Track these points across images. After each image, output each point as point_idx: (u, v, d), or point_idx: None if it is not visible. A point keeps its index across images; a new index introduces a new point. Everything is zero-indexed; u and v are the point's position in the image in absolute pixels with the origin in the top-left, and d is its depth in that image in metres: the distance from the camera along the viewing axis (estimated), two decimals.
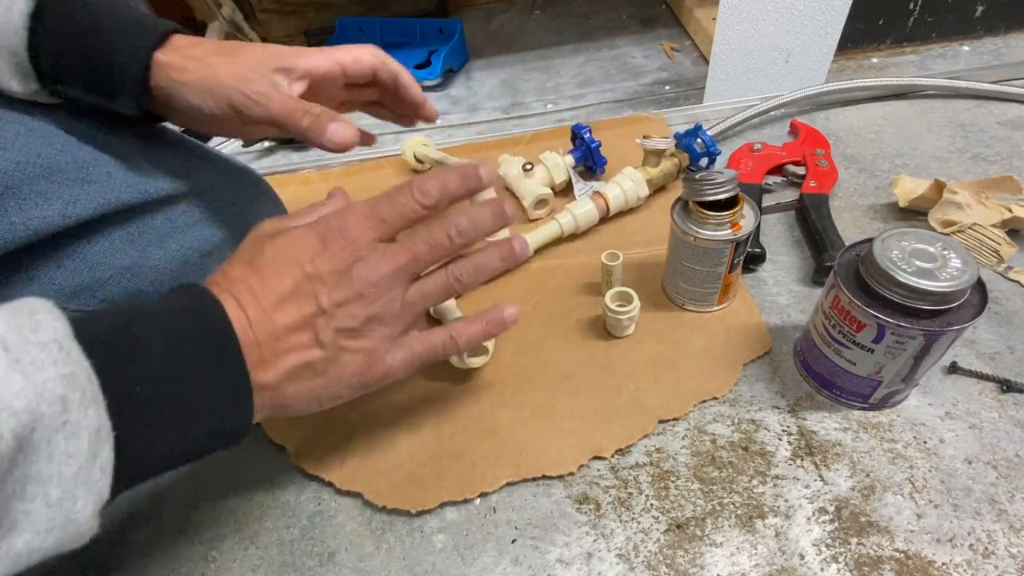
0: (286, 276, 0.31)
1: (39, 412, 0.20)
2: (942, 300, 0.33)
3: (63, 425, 0.21)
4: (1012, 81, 0.69)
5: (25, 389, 0.20)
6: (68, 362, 0.22)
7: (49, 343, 0.22)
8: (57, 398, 0.21)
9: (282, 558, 0.38)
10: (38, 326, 0.22)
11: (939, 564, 0.34)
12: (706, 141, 0.57)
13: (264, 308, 0.30)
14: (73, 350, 0.22)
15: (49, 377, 0.21)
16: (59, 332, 0.22)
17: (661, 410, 0.42)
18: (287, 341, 0.30)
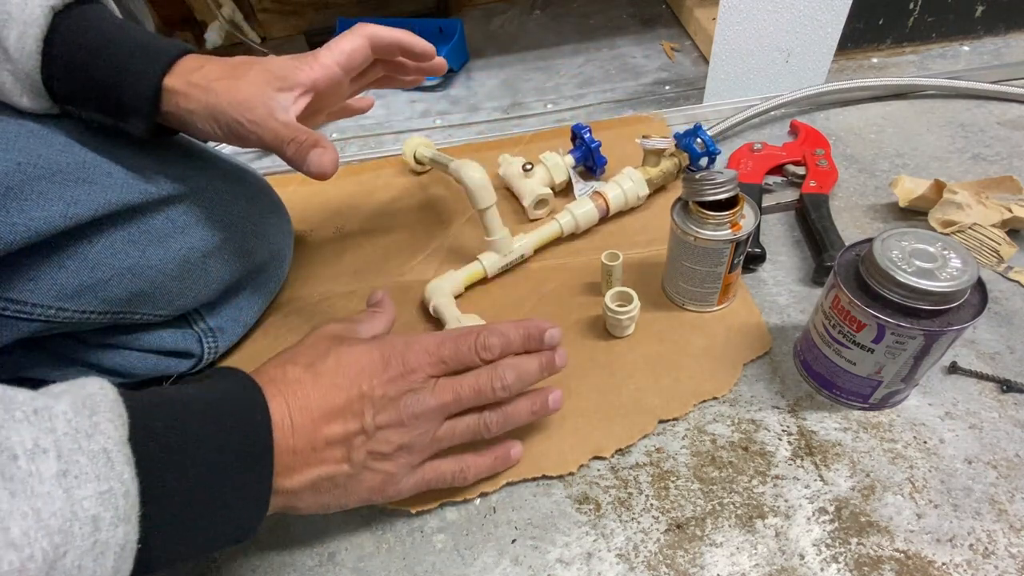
0: (344, 391, 0.32)
1: (72, 533, 0.20)
2: (942, 300, 0.33)
3: (92, 546, 0.21)
4: (1012, 81, 0.69)
5: (63, 509, 0.20)
6: (110, 477, 0.22)
7: (99, 454, 0.22)
8: (90, 518, 0.21)
9: (282, 558, 0.38)
10: (94, 431, 0.22)
11: (939, 564, 0.34)
12: (706, 141, 0.57)
13: (314, 418, 0.31)
14: (119, 461, 0.23)
15: (88, 495, 0.21)
16: (111, 439, 0.23)
17: (661, 410, 0.42)
18: (323, 453, 0.32)
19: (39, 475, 0.20)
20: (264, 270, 0.50)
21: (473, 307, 0.51)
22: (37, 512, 0.19)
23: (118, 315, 0.41)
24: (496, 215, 0.51)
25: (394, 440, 0.33)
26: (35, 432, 0.21)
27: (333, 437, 0.32)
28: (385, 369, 0.33)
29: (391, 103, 0.86)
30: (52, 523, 0.20)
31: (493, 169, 0.61)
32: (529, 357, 0.37)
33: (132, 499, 0.23)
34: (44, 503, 0.20)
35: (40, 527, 0.19)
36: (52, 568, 0.20)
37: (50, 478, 0.20)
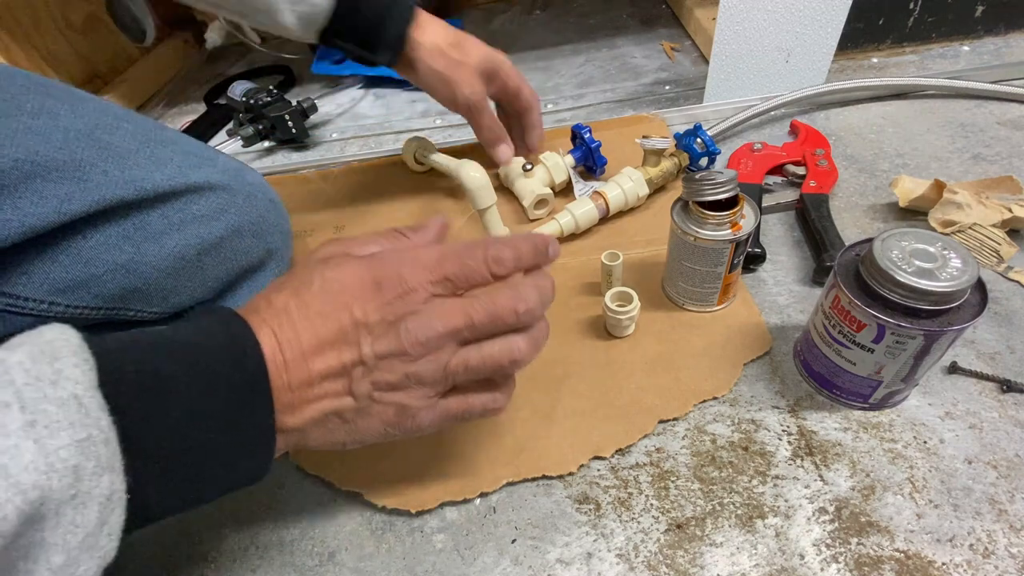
0: (331, 319, 0.29)
1: (48, 487, 0.19)
2: (942, 300, 0.33)
3: (72, 497, 0.20)
4: (1012, 81, 0.69)
5: (36, 462, 0.19)
6: (85, 424, 0.21)
7: (68, 400, 0.21)
8: (70, 469, 0.20)
9: (282, 558, 0.38)
10: (58, 377, 0.21)
11: (939, 564, 0.34)
12: (706, 141, 0.57)
13: (303, 351, 0.28)
14: (92, 407, 0.21)
15: (63, 444, 0.20)
16: (80, 384, 0.21)
17: (661, 410, 0.42)
18: (320, 387, 0.29)
19: (3, 428, 0.19)
20: (261, 269, 0.50)
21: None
22: (5, 468, 0.18)
23: (111, 311, 0.41)
24: (496, 215, 0.51)
25: (399, 369, 0.29)
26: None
27: (328, 370, 0.29)
28: (378, 291, 0.29)
29: (391, 103, 0.86)
30: (24, 478, 0.19)
31: (493, 169, 0.61)
32: (542, 275, 0.32)
33: (113, 446, 0.22)
34: (11, 458, 0.19)
35: (9, 485, 0.18)
36: (29, 525, 0.19)
37: (16, 431, 0.19)
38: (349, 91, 0.89)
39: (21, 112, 0.37)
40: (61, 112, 0.38)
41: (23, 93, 0.37)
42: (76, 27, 0.89)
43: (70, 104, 0.39)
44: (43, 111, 0.38)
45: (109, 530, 0.22)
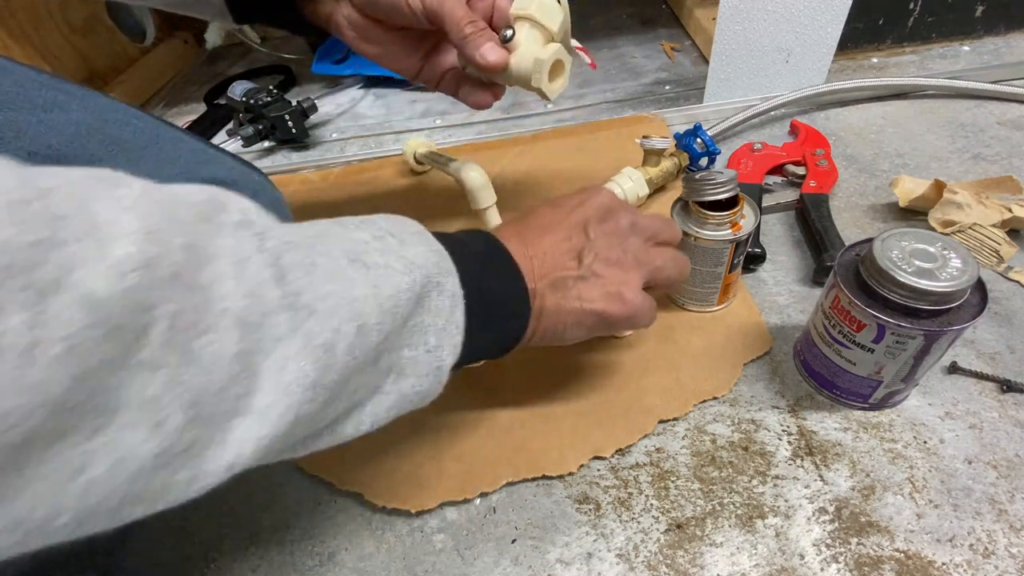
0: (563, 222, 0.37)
1: (428, 271, 0.26)
2: (942, 300, 0.33)
3: (436, 285, 0.27)
4: (1012, 81, 0.69)
5: (417, 256, 0.26)
6: (428, 243, 0.28)
7: (417, 232, 0.29)
8: (432, 263, 0.27)
9: (282, 558, 0.38)
10: (406, 223, 0.29)
11: (939, 564, 0.34)
12: (706, 141, 0.57)
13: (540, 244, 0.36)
14: (428, 235, 0.29)
15: (424, 251, 0.27)
16: (420, 228, 0.29)
17: (661, 410, 0.42)
18: (556, 259, 0.35)
19: (388, 246, 0.26)
20: None
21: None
22: (405, 257, 0.26)
23: None
24: (496, 215, 0.51)
25: (615, 243, 0.36)
26: (370, 231, 0.27)
27: (563, 246, 0.36)
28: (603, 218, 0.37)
29: (391, 103, 0.86)
30: (419, 260, 0.27)
31: (493, 169, 0.61)
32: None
33: (449, 260, 0.28)
34: (403, 254, 0.26)
35: (412, 264, 0.26)
36: (420, 298, 0.26)
37: (395, 246, 0.26)
38: (349, 91, 0.89)
39: (33, 106, 0.37)
40: (72, 107, 0.39)
41: (35, 88, 0.37)
42: (76, 27, 0.89)
43: (80, 99, 0.39)
44: (54, 105, 0.38)
45: (456, 322, 0.28)
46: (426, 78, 0.45)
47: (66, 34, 0.87)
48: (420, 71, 0.45)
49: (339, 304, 0.23)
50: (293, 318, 0.21)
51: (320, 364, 0.22)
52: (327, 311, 0.22)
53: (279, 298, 0.21)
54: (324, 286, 0.22)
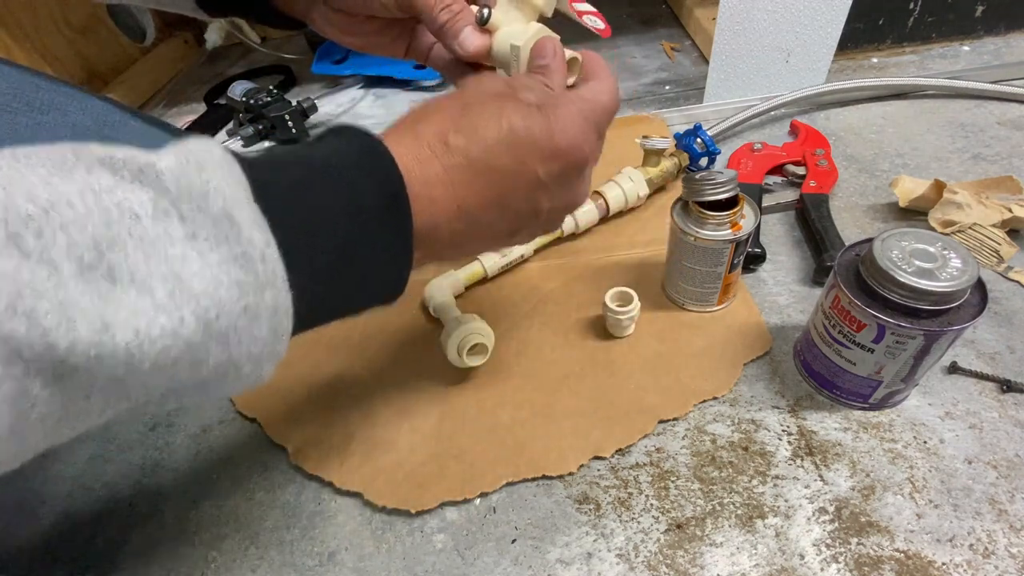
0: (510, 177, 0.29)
1: (218, 297, 0.19)
2: (942, 300, 0.33)
3: (243, 311, 0.20)
4: (1012, 81, 0.69)
5: (202, 272, 0.19)
6: (239, 241, 0.20)
7: (220, 217, 0.20)
8: (234, 283, 0.20)
9: (282, 558, 0.38)
10: (207, 189, 0.20)
11: (939, 564, 0.34)
12: (706, 141, 0.57)
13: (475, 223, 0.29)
14: (245, 224, 0.20)
15: (223, 259, 0.20)
16: (229, 199, 0.20)
17: (661, 410, 0.42)
18: (483, 241, 0.30)
19: (169, 236, 0.19)
20: None
21: (473, 307, 0.51)
22: (177, 275, 0.18)
23: None
24: None
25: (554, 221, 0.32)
26: (151, 193, 0.19)
27: (499, 230, 0.30)
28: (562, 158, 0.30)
29: (391, 103, 0.86)
30: (195, 285, 0.19)
31: None
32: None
33: (271, 263, 0.21)
34: (181, 265, 0.19)
35: (183, 290, 0.18)
36: (208, 330, 0.19)
37: (180, 240, 0.19)
38: (349, 91, 0.89)
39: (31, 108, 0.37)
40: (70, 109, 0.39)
41: (32, 90, 0.37)
42: (76, 27, 0.89)
43: (78, 101, 0.39)
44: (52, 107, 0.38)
45: (281, 338, 0.23)
46: (415, 55, 0.43)
47: (66, 34, 0.87)
48: (408, 50, 0.43)
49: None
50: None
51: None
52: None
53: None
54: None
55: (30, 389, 0.16)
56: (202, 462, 0.45)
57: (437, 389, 0.46)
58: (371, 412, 0.45)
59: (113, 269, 0.17)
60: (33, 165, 0.17)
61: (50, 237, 0.16)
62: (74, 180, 0.18)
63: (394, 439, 0.43)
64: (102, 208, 0.17)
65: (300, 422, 0.45)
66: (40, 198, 0.16)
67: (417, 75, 0.86)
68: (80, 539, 0.41)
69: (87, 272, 0.17)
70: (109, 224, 0.17)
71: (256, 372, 0.22)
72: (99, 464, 0.46)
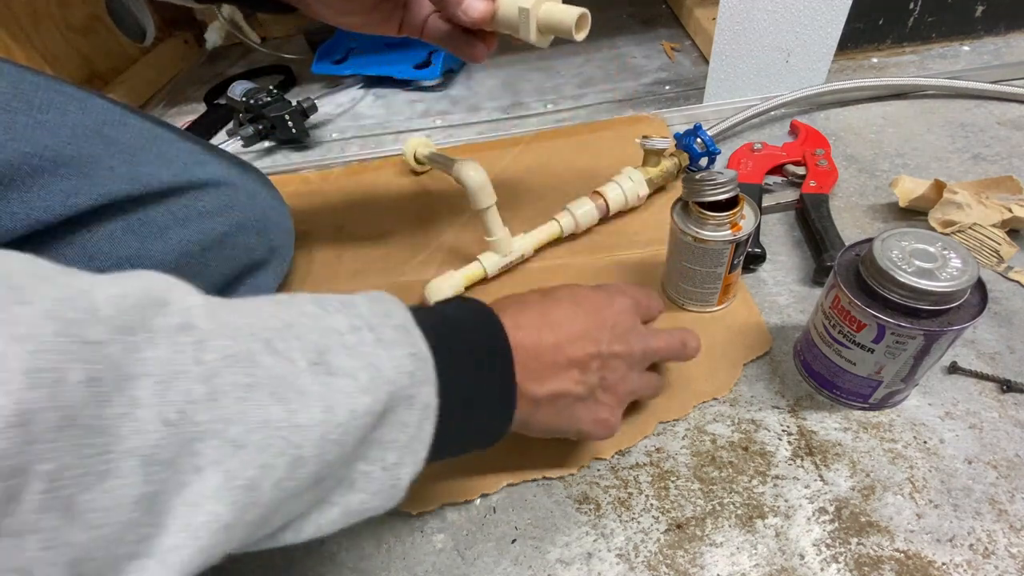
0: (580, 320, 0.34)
1: (398, 383, 0.24)
2: (942, 300, 0.33)
3: (408, 398, 0.24)
4: (1012, 81, 0.69)
5: (389, 364, 0.24)
6: (412, 343, 0.25)
7: (399, 327, 0.26)
8: (406, 373, 0.24)
9: (282, 558, 0.38)
10: (390, 312, 0.26)
11: (939, 564, 0.34)
12: (706, 141, 0.57)
13: (557, 337, 0.33)
14: (415, 333, 0.26)
15: (402, 354, 0.25)
16: (405, 318, 0.26)
17: (661, 410, 0.42)
18: (563, 370, 0.33)
19: (363, 341, 0.24)
20: (263, 267, 0.51)
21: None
22: (375, 366, 0.23)
23: None
24: (496, 215, 0.51)
25: (621, 369, 0.35)
26: (349, 318, 0.24)
27: (574, 357, 0.33)
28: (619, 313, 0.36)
29: (391, 103, 0.86)
30: (388, 373, 0.24)
31: (494, 169, 0.61)
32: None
33: (430, 365, 0.26)
34: (375, 360, 0.23)
35: (380, 377, 0.23)
36: (384, 414, 0.24)
37: (370, 343, 0.24)
38: (349, 91, 0.89)
39: (30, 107, 0.37)
40: (69, 108, 0.39)
41: (32, 89, 0.37)
42: (76, 27, 0.89)
43: (78, 101, 0.39)
44: (52, 107, 0.38)
45: (423, 437, 0.26)
46: (409, 30, 0.43)
47: (66, 34, 0.87)
48: (402, 25, 0.43)
49: (274, 436, 0.20)
50: (218, 449, 0.18)
51: (238, 505, 0.19)
52: (258, 445, 0.19)
53: (204, 424, 0.18)
54: (260, 412, 0.19)
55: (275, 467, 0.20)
56: None
57: None
58: None
59: (330, 365, 0.22)
60: (265, 302, 0.23)
61: (290, 342, 0.22)
62: (294, 309, 0.24)
63: None
64: (318, 327, 0.23)
65: None
66: (283, 318, 0.22)
67: (417, 75, 0.86)
68: None
69: (314, 366, 0.22)
70: (323, 336, 0.23)
71: (395, 470, 0.25)
72: None
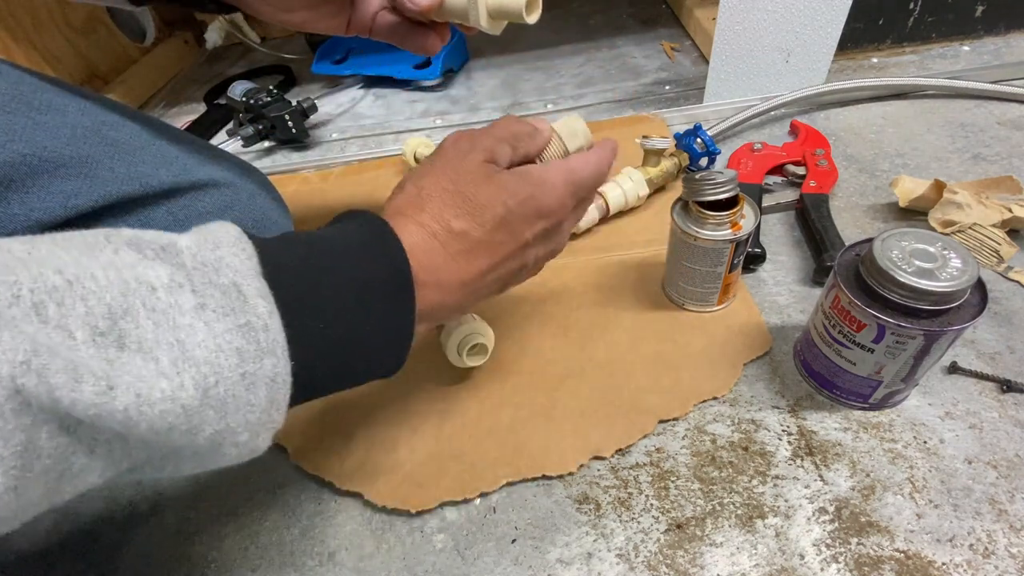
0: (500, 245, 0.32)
1: (218, 364, 0.21)
2: (942, 300, 0.33)
3: (241, 377, 0.22)
4: (1012, 81, 0.69)
5: (206, 341, 0.21)
6: (244, 311, 0.22)
7: (229, 288, 0.22)
8: (234, 350, 0.21)
9: (282, 558, 0.38)
10: (220, 264, 0.22)
11: (939, 564, 0.34)
12: (706, 141, 0.57)
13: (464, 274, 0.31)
14: (251, 294, 0.22)
15: (227, 328, 0.21)
16: (239, 272, 0.22)
17: (661, 410, 0.42)
18: (476, 289, 0.32)
19: (179, 307, 0.20)
20: None
21: (473, 307, 0.51)
22: (182, 343, 0.20)
23: None
24: None
25: (543, 261, 0.35)
26: (169, 268, 0.21)
27: (491, 279, 0.32)
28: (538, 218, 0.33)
29: (391, 103, 0.86)
30: (198, 354, 0.20)
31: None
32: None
33: (274, 332, 0.23)
34: (187, 334, 0.20)
35: (186, 358, 0.20)
36: (205, 396, 0.20)
37: (189, 311, 0.21)
38: (349, 91, 0.89)
39: (30, 108, 0.37)
40: (69, 109, 0.39)
41: (32, 90, 0.37)
42: (76, 27, 0.89)
43: (78, 101, 0.39)
44: (51, 108, 0.38)
45: (278, 407, 0.24)
46: (357, 28, 0.42)
47: (66, 35, 0.87)
48: (349, 24, 0.41)
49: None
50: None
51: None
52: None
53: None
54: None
55: (36, 439, 0.18)
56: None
57: (437, 389, 0.46)
58: (371, 412, 0.45)
59: (123, 337, 0.19)
60: (68, 247, 0.20)
61: (70, 306, 0.18)
62: (101, 258, 0.20)
63: (394, 439, 0.43)
64: (122, 281, 0.20)
65: (300, 422, 0.45)
66: (68, 272, 0.19)
67: (417, 75, 0.86)
68: (80, 539, 0.41)
69: (99, 338, 0.18)
70: (126, 295, 0.19)
71: (252, 442, 0.23)
72: None
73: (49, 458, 0.18)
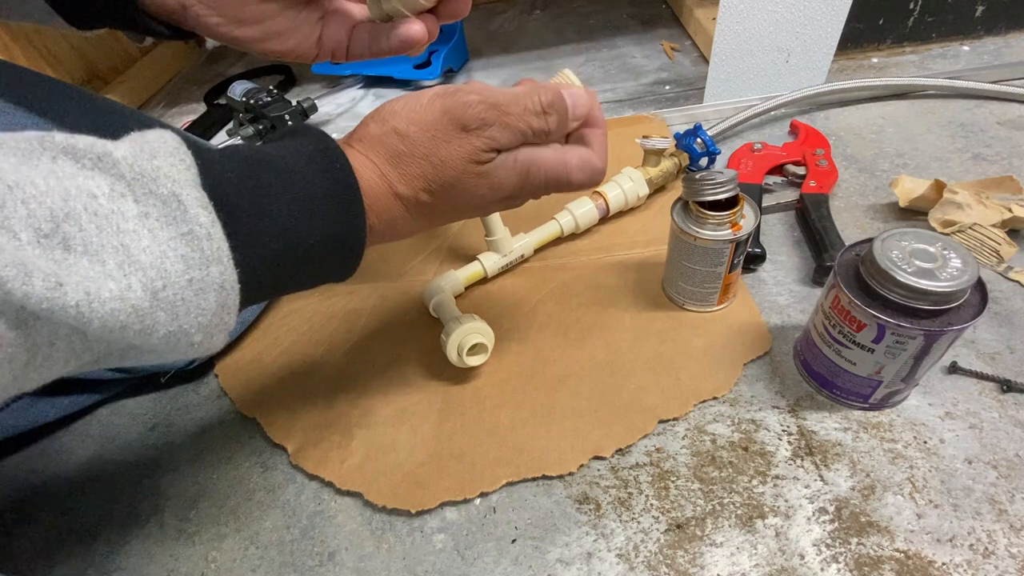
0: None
1: (164, 269, 0.21)
2: (942, 300, 0.33)
3: (189, 283, 0.22)
4: (1012, 81, 0.69)
5: (151, 247, 0.21)
6: (186, 219, 0.22)
7: (169, 198, 0.22)
8: (179, 257, 0.22)
9: (282, 558, 0.38)
10: (157, 175, 0.22)
11: (939, 564, 0.34)
12: (706, 141, 0.57)
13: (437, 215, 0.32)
14: (191, 204, 0.22)
15: (171, 236, 0.22)
16: (177, 182, 0.22)
17: (661, 410, 0.42)
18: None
19: (121, 214, 0.21)
20: None
21: (473, 307, 0.51)
22: (127, 248, 0.20)
23: None
24: (496, 215, 0.51)
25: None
26: (108, 178, 0.21)
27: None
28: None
29: None
30: (143, 258, 0.21)
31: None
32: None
33: (217, 241, 0.23)
34: (132, 240, 0.20)
35: (131, 262, 0.20)
36: (155, 298, 0.21)
37: (132, 218, 0.21)
38: (349, 91, 0.89)
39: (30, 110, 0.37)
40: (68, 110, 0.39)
41: (31, 91, 0.37)
42: None
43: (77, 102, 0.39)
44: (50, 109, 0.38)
45: (230, 310, 0.24)
46: (330, 46, 0.38)
47: (66, 34, 0.87)
48: (319, 40, 0.38)
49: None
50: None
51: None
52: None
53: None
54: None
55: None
56: (202, 462, 0.45)
57: (437, 389, 0.46)
58: (371, 412, 0.45)
59: (68, 239, 0.19)
60: (5, 153, 0.19)
61: (11, 208, 0.18)
62: (40, 166, 0.20)
63: (394, 439, 0.43)
64: (63, 188, 0.19)
65: (300, 422, 0.45)
66: (8, 178, 0.19)
67: (417, 75, 0.86)
68: (80, 539, 0.41)
69: (43, 240, 0.19)
70: (67, 200, 0.19)
71: (207, 341, 0.24)
72: (99, 464, 0.46)
73: (11, 347, 0.19)
